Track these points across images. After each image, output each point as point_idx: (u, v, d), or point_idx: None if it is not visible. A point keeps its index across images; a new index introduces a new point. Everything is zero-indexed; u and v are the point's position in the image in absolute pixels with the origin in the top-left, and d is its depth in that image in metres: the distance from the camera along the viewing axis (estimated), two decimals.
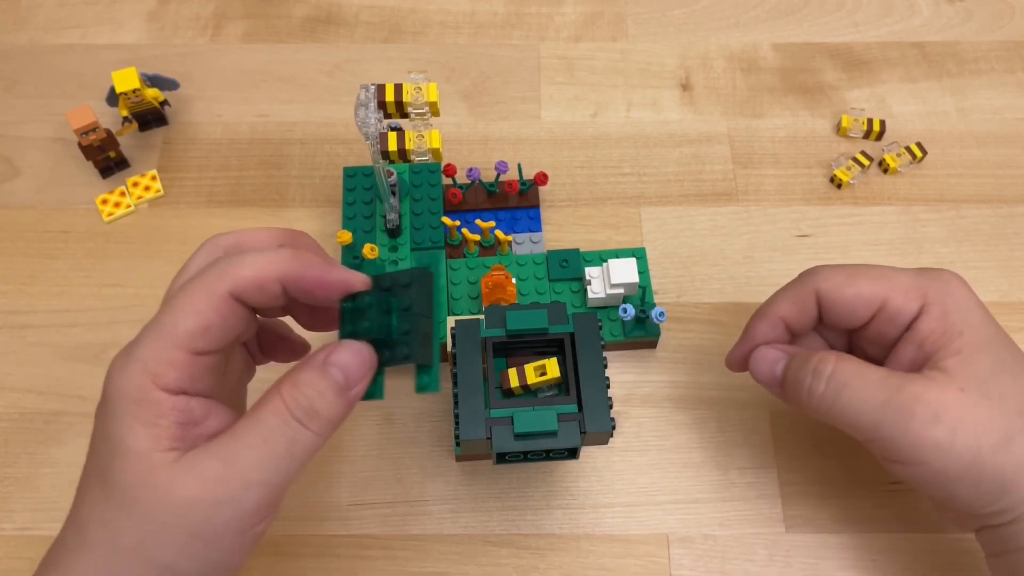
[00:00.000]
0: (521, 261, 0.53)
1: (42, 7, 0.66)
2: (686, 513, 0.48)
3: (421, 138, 0.47)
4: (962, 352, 0.37)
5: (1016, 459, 0.36)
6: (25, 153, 0.60)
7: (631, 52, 0.64)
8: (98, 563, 0.32)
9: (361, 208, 0.54)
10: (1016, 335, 0.52)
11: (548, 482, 0.49)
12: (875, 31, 0.65)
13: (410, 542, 0.47)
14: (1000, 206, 0.57)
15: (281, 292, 0.34)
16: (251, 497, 0.32)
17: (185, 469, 0.31)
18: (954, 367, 0.37)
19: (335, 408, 0.33)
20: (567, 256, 0.52)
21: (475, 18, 0.66)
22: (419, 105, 0.47)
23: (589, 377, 0.41)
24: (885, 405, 0.36)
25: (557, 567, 0.47)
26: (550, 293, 0.52)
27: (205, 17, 0.66)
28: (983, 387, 0.36)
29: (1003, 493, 0.36)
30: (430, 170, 0.55)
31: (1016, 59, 0.63)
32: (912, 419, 0.36)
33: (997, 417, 0.36)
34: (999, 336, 0.39)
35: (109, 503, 0.32)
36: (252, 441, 0.32)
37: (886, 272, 0.40)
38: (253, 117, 0.61)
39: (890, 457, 0.38)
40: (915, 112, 0.61)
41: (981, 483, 0.36)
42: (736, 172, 0.59)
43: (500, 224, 0.55)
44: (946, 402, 0.36)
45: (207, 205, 0.58)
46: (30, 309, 0.54)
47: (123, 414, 0.32)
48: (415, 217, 0.54)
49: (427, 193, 0.55)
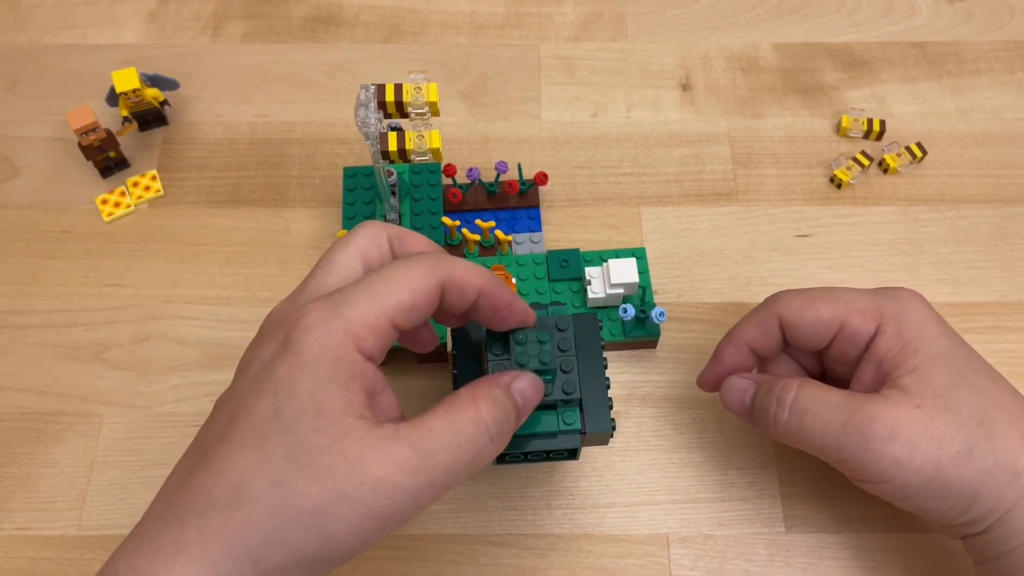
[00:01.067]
0: (521, 261, 0.53)
1: (42, 7, 0.66)
2: (686, 513, 0.48)
3: (421, 138, 0.47)
4: (917, 369, 0.38)
5: (979, 469, 0.36)
6: (25, 153, 0.60)
7: (631, 52, 0.64)
8: (264, 523, 0.30)
9: (361, 208, 0.54)
10: (1016, 335, 0.53)
11: (548, 482, 0.49)
12: (875, 31, 0.65)
13: (410, 542, 0.47)
14: (1000, 206, 0.57)
15: (475, 300, 0.35)
16: (431, 492, 0.32)
17: (377, 446, 0.31)
18: (910, 384, 0.38)
19: (513, 430, 0.35)
20: (567, 256, 0.52)
21: (475, 18, 0.66)
22: (419, 105, 0.47)
23: (589, 378, 0.41)
24: (845, 427, 0.37)
25: (557, 567, 0.47)
26: (550, 293, 0.52)
27: (205, 17, 0.66)
28: (939, 400, 0.37)
29: (972, 503, 0.37)
30: (430, 170, 0.55)
31: (1016, 59, 0.63)
32: (870, 438, 0.37)
33: (955, 429, 0.37)
34: (956, 349, 0.39)
35: (289, 462, 0.30)
36: (448, 443, 0.32)
37: (844, 294, 0.41)
38: (253, 117, 0.61)
39: (857, 477, 0.39)
40: (915, 112, 0.61)
41: (947, 495, 0.37)
42: (736, 172, 0.59)
43: (500, 224, 0.55)
44: (902, 419, 0.37)
45: (207, 205, 0.58)
46: (30, 309, 0.54)
47: (319, 370, 0.31)
48: (415, 217, 0.54)
49: (427, 193, 0.55)
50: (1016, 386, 0.51)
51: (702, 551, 0.47)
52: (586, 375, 0.41)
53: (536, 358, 0.38)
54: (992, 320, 0.53)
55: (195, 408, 0.51)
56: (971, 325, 0.53)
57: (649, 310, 0.50)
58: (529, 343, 0.38)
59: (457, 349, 0.42)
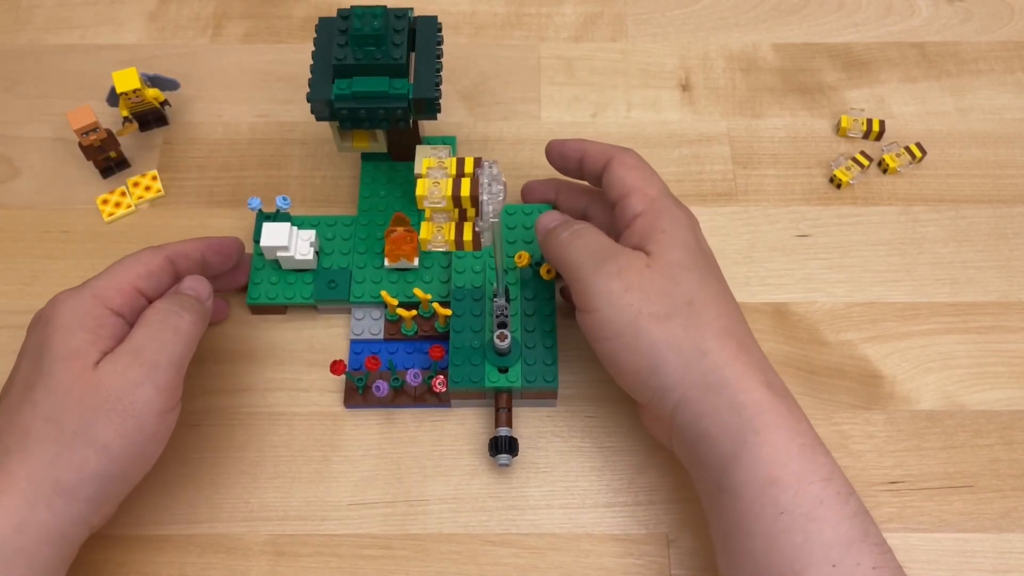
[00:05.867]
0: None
1: (42, 7, 0.66)
2: (686, 513, 0.48)
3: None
4: (661, 243, 0.43)
5: (668, 335, 0.41)
6: (25, 153, 0.60)
7: (631, 52, 0.64)
8: (49, 452, 0.39)
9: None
10: (1016, 335, 0.53)
11: (548, 482, 0.49)
12: (875, 31, 0.65)
13: (410, 542, 0.47)
14: (999, 206, 0.57)
15: (200, 259, 0.48)
16: (161, 375, 0.41)
17: (106, 364, 0.41)
18: (654, 251, 0.43)
19: (197, 308, 0.45)
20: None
21: (475, 18, 0.66)
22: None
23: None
24: (594, 255, 0.43)
25: (557, 567, 0.47)
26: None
27: (205, 17, 0.66)
28: (667, 270, 0.42)
29: (654, 370, 0.41)
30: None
31: (1016, 59, 0.63)
32: (600, 269, 0.43)
33: (666, 295, 0.42)
34: (701, 250, 0.45)
35: (52, 399, 0.40)
36: (147, 335, 0.42)
37: (654, 182, 0.46)
38: (253, 117, 0.61)
39: (579, 302, 0.44)
40: (914, 112, 0.61)
41: (637, 348, 0.41)
42: (736, 172, 0.59)
43: None
44: (632, 266, 0.42)
45: (207, 205, 0.58)
46: (30, 309, 0.53)
47: (71, 325, 0.41)
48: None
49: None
50: (1016, 387, 0.51)
51: (702, 551, 0.47)
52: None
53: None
54: (992, 320, 0.53)
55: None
56: (971, 325, 0.53)
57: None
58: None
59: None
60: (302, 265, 0.52)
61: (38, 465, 0.39)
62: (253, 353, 0.52)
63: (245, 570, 0.47)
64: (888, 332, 0.53)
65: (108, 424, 0.40)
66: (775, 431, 0.39)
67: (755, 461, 0.38)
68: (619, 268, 0.42)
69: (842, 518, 0.37)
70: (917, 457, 0.49)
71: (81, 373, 0.40)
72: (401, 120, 0.49)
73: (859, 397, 0.51)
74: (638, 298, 0.41)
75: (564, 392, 0.51)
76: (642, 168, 0.47)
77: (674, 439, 0.43)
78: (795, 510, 0.37)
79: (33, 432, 0.39)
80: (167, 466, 0.48)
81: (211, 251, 0.49)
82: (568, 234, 0.45)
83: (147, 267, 0.45)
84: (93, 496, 0.40)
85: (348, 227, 0.54)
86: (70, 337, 0.41)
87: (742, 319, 0.44)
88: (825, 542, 0.37)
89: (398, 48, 0.48)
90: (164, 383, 0.41)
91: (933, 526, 0.47)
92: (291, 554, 0.47)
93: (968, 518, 0.48)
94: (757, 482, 0.38)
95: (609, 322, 0.42)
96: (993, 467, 0.49)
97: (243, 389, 0.51)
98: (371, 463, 0.49)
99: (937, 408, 0.51)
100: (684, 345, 0.41)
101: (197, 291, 0.46)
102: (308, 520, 0.48)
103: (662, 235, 0.43)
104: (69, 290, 0.43)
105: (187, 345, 0.43)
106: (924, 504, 0.48)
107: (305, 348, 0.53)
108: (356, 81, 0.48)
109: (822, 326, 0.53)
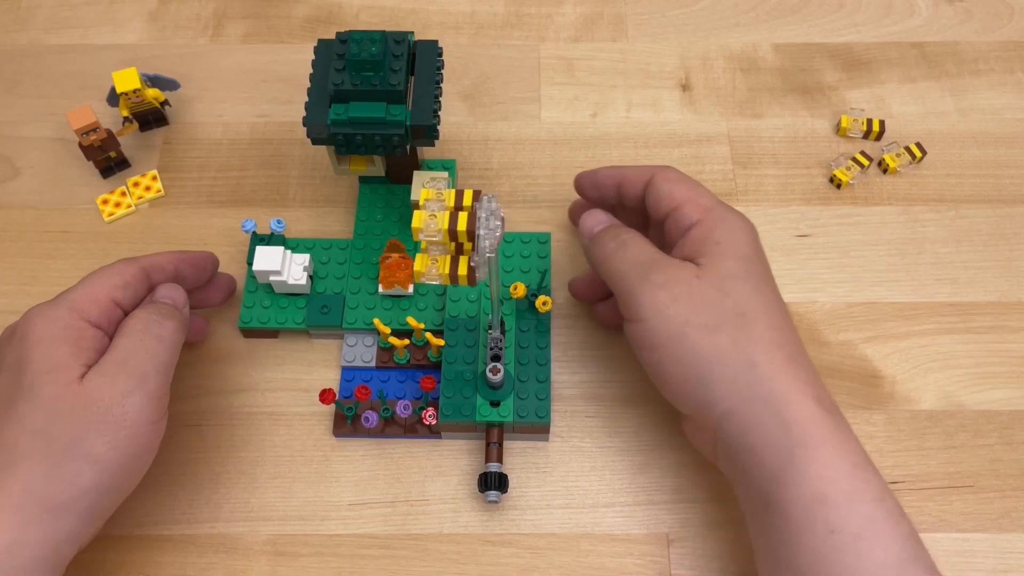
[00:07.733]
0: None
1: (42, 7, 0.66)
2: (686, 513, 0.48)
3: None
4: (713, 254, 0.42)
5: (715, 346, 0.40)
6: (25, 153, 0.60)
7: (631, 52, 0.64)
8: (40, 467, 0.38)
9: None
10: (1016, 335, 0.53)
11: (548, 482, 0.49)
12: (875, 31, 0.65)
13: (410, 542, 0.47)
14: (999, 206, 0.57)
15: (174, 271, 0.47)
16: (151, 383, 0.41)
17: (93, 376, 0.40)
18: (704, 262, 0.42)
19: (176, 315, 0.44)
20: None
21: (475, 18, 0.66)
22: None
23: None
24: (640, 266, 0.43)
25: (557, 567, 0.47)
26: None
27: (205, 17, 0.66)
28: (717, 280, 0.41)
29: (700, 381, 0.40)
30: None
31: (1016, 59, 0.63)
32: (647, 279, 0.42)
33: (715, 306, 0.41)
34: (758, 259, 0.44)
35: (37, 413, 0.39)
36: (131, 344, 0.42)
37: (700, 191, 0.45)
38: (253, 117, 0.61)
39: (625, 312, 0.43)
40: (914, 112, 0.61)
41: (682, 358, 0.41)
42: (736, 172, 0.59)
43: None
44: (679, 277, 0.42)
45: (207, 205, 0.58)
46: None
47: (52, 338, 0.41)
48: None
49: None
50: (1015, 388, 0.51)
51: (702, 551, 0.47)
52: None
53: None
54: (992, 320, 0.53)
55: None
56: (971, 325, 0.53)
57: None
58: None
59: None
60: (295, 290, 0.51)
61: (30, 480, 0.38)
62: (253, 353, 0.52)
63: (245, 570, 0.47)
64: (888, 332, 0.53)
65: (100, 437, 0.39)
66: (823, 447, 0.38)
67: (803, 477, 0.37)
68: (666, 279, 0.42)
69: (894, 539, 0.36)
70: (917, 457, 0.49)
71: (67, 386, 0.39)
72: (398, 147, 0.48)
73: (859, 397, 0.51)
74: (686, 309, 0.41)
75: (564, 392, 0.51)
76: (688, 180, 0.46)
77: (719, 452, 0.42)
78: (845, 529, 0.36)
79: (21, 447, 0.38)
80: (167, 466, 0.48)
81: (185, 264, 0.48)
82: (615, 245, 0.44)
83: (123, 278, 0.44)
84: (87, 511, 0.39)
85: (343, 251, 0.53)
86: (52, 350, 0.40)
87: (793, 330, 0.42)
88: (876, 562, 0.36)
89: (396, 74, 0.47)
90: (154, 391, 0.41)
91: (933, 526, 0.47)
92: (291, 554, 0.47)
93: (968, 518, 0.48)
94: (805, 498, 0.37)
95: (654, 332, 0.41)
96: (993, 467, 0.49)
97: (243, 389, 0.51)
98: (371, 463, 0.49)
99: (937, 408, 0.51)
100: (732, 357, 0.40)
101: (174, 299, 0.46)
102: (308, 520, 0.48)
103: (716, 246, 0.42)
104: (44, 303, 0.43)
105: (172, 352, 0.43)
106: (924, 504, 0.48)
107: (305, 349, 0.53)
108: (353, 106, 0.47)
109: (822, 326, 0.53)
